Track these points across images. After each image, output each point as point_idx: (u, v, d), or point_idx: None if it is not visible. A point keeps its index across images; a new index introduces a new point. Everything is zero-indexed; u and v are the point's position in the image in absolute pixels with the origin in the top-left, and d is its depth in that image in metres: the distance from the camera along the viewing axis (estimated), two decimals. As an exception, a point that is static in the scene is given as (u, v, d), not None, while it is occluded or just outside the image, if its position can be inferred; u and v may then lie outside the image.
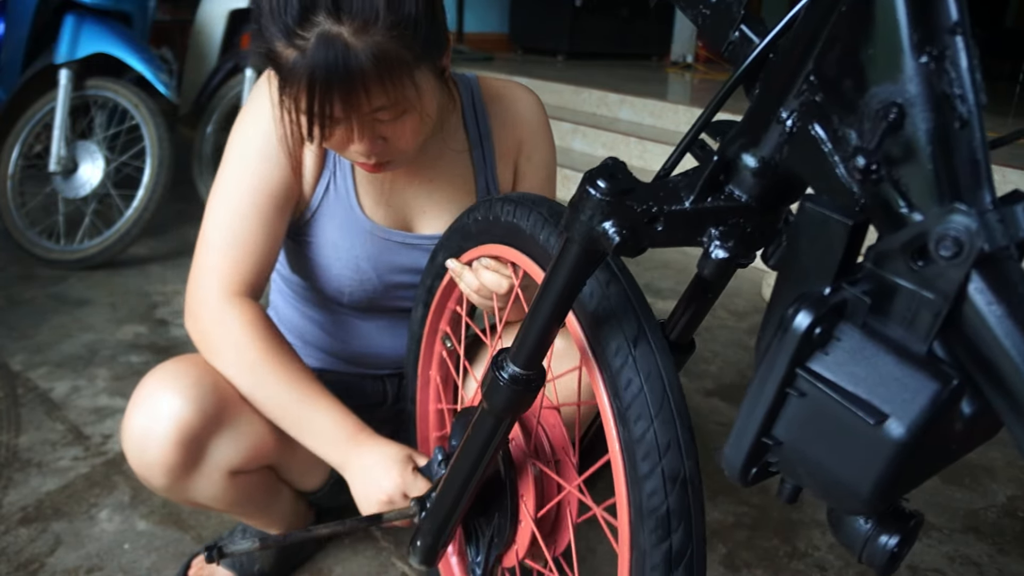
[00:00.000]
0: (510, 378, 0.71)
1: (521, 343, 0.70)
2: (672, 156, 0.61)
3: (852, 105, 0.45)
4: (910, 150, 0.42)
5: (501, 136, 1.12)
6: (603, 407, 0.71)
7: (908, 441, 0.42)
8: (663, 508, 0.65)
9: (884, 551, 0.50)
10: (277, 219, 1.01)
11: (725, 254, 0.55)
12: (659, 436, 0.66)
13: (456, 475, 0.82)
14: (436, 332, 1.05)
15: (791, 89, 0.50)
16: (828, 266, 0.47)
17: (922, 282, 0.42)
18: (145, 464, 0.96)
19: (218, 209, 1.00)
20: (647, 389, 0.66)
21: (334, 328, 1.20)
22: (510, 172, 1.14)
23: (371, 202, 1.08)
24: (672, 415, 0.66)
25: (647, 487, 0.66)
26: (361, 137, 0.88)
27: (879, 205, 0.44)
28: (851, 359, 0.45)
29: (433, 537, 0.88)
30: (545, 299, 0.65)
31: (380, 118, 0.87)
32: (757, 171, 0.54)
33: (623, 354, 0.67)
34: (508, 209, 0.83)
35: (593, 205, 0.55)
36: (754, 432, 0.49)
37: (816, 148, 0.48)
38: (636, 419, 0.66)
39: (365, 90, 0.82)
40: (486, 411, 0.75)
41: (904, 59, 0.41)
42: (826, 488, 0.48)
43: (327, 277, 1.10)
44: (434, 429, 1.14)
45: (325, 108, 0.83)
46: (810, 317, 0.45)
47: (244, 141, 1.00)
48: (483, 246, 0.90)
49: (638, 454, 0.66)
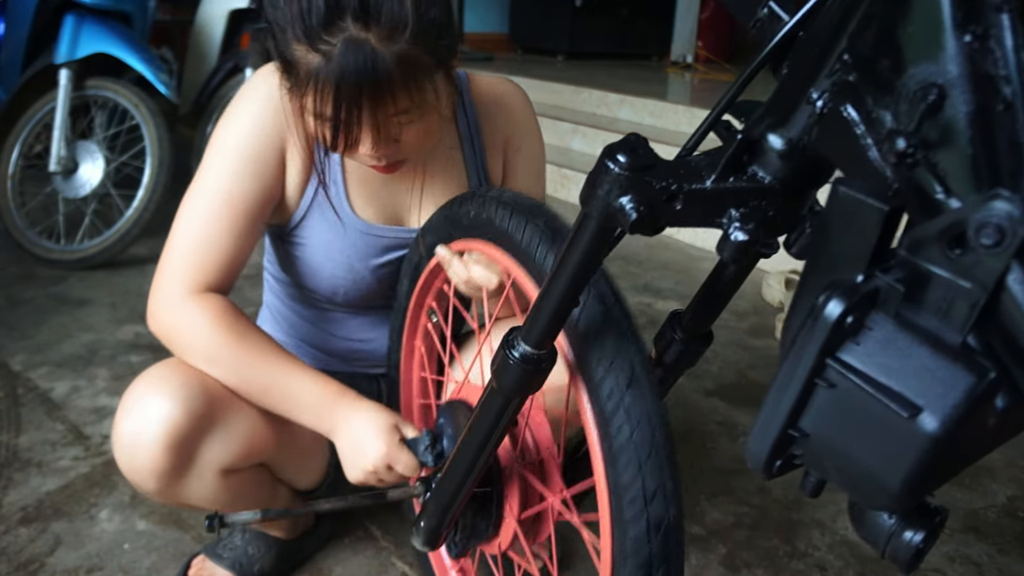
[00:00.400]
0: (521, 357, 0.70)
1: (533, 322, 0.68)
2: (695, 135, 0.59)
3: (888, 86, 0.43)
4: (949, 133, 0.40)
5: (490, 131, 1.12)
6: (592, 445, 0.71)
7: (942, 435, 0.41)
8: (646, 552, 0.67)
9: (909, 547, 0.48)
10: (249, 227, 0.99)
11: (745, 236, 0.53)
12: (646, 484, 0.67)
13: (462, 456, 0.81)
14: (422, 306, 1.05)
15: (823, 69, 0.48)
16: (860, 253, 0.45)
17: (959, 271, 0.40)
18: (135, 469, 0.95)
19: (188, 213, 0.99)
20: (637, 436, 0.67)
21: (329, 325, 1.20)
22: (499, 165, 1.14)
23: (362, 201, 1.07)
24: (660, 463, 0.67)
25: (632, 531, 0.68)
26: (379, 141, 0.89)
27: (914, 190, 0.43)
28: (883, 350, 0.43)
29: (437, 519, 0.87)
30: (559, 277, 0.63)
31: (400, 121, 0.88)
32: (783, 152, 0.52)
33: (615, 399, 0.68)
34: (503, 214, 0.82)
35: (611, 180, 0.54)
36: (780, 423, 0.48)
37: (848, 130, 0.46)
38: (625, 465, 0.68)
39: (392, 96, 0.83)
40: (495, 391, 0.74)
41: (946, 37, 0.40)
42: (853, 482, 0.46)
43: (321, 278, 1.10)
44: (417, 396, 1.13)
45: (352, 114, 0.83)
46: (842, 305, 0.43)
47: (223, 147, 0.99)
48: (474, 241, 0.89)
49: (625, 498, 0.68)
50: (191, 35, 3.07)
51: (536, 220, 0.78)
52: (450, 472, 0.84)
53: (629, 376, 0.68)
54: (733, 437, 1.69)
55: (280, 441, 1.06)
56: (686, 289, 2.50)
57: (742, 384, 1.92)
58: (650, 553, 0.67)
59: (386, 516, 1.37)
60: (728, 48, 5.62)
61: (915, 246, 0.42)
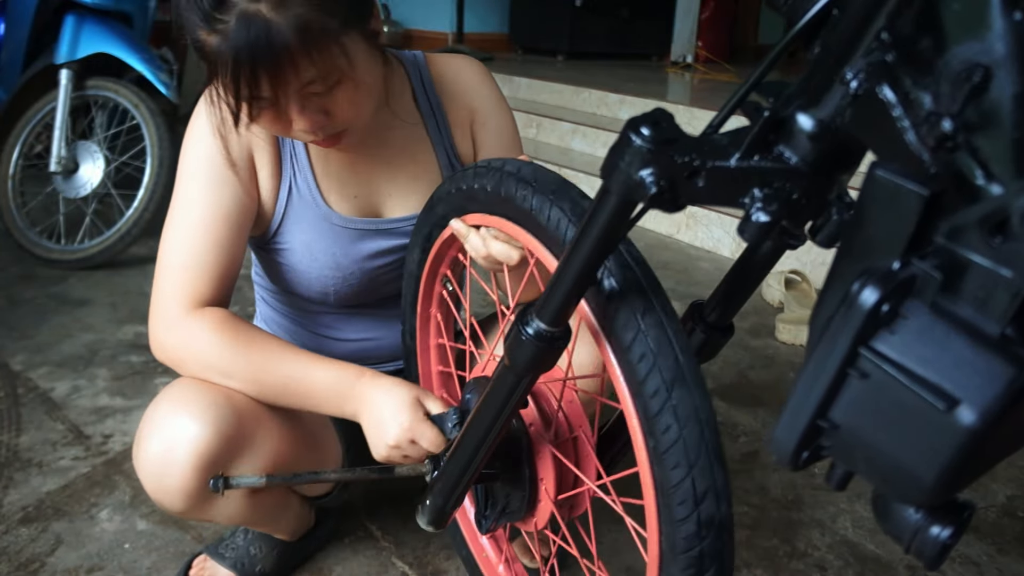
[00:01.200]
0: (535, 334, 0.68)
1: (548, 298, 0.66)
2: (722, 112, 0.57)
3: (928, 66, 0.41)
4: (993, 116, 0.38)
5: (452, 107, 1.10)
6: (637, 446, 0.69)
7: (980, 429, 0.39)
8: (696, 550, 0.65)
9: (936, 543, 0.47)
10: (234, 236, 0.98)
11: (767, 218, 0.51)
12: (696, 484, 0.64)
13: (471, 435, 0.79)
14: (436, 275, 1.03)
15: (858, 47, 0.46)
16: (897, 239, 0.43)
17: (1000, 259, 0.39)
18: (164, 490, 0.93)
19: (172, 232, 0.97)
20: (684, 436, 0.64)
21: (327, 330, 1.19)
22: (468, 142, 1.12)
23: (336, 196, 1.06)
24: (710, 462, 0.64)
25: (682, 530, 0.65)
26: (300, 113, 0.86)
27: (953, 175, 0.41)
28: (919, 339, 0.42)
29: (444, 497, 0.86)
30: (577, 252, 0.61)
31: (313, 91, 0.85)
32: (814, 134, 0.51)
33: (660, 398, 0.65)
34: (523, 195, 0.77)
35: (633, 152, 0.52)
36: (809, 414, 0.46)
37: (884, 112, 0.44)
38: (673, 466, 0.65)
39: (292, 65, 0.80)
40: (507, 368, 0.72)
41: (994, 15, 0.38)
42: (884, 475, 0.45)
43: (309, 281, 1.09)
44: (436, 364, 1.12)
45: (253, 89, 0.81)
46: (877, 293, 0.42)
47: (192, 160, 0.98)
48: (491, 217, 0.85)
49: (674, 499, 0.65)
50: (191, 35, 3.06)
51: (562, 203, 0.74)
52: (459, 450, 0.82)
53: (673, 374, 0.65)
54: (733, 437, 1.69)
55: (301, 455, 1.06)
56: (686, 289, 2.50)
57: (742, 384, 1.92)
58: (701, 551, 0.65)
59: (386, 516, 1.37)
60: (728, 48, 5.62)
61: (954, 233, 0.41)
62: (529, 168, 0.79)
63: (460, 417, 0.92)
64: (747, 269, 0.80)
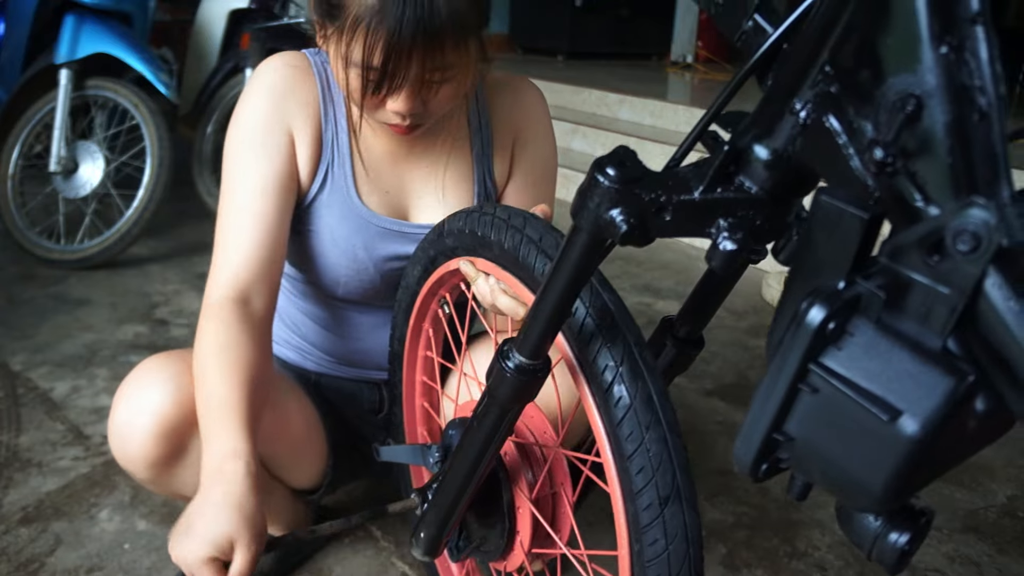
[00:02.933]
0: (516, 368, 0.70)
1: (527, 333, 0.69)
2: (682, 146, 0.60)
3: (868, 96, 0.44)
4: (927, 142, 0.41)
5: (500, 126, 1.11)
6: (621, 546, 0.72)
7: (922, 438, 0.41)
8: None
9: (894, 549, 0.49)
10: (279, 217, 0.99)
11: (733, 246, 0.54)
12: (672, 559, 0.67)
13: (460, 465, 0.81)
14: (434, 295, 1.03)
15: (805, 80, 0.49)
16: (842, 260, 0.46)
17: (938, 277, 0.41)
18: (128, 458, 0.97)
19: (225, 209, 0.99)
20: (670, 550, 0.67)
21: (332, 324, 1.20)
22: (506, 165, 1.13)
23: (368, 190, 1.07)
24: (686, 543, 0.68)
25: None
26: (412, 96, 0.88)
27: (894, 198, 0.43)
28: (865, 354, 0.44)
29: (437, 528, 0.88)
30: (551, 289, 0.64)
31: (434, 79, 0.88)
32: (769, 163, 0.53)
33: (653, 510, 0.68)
34: (542, 267, 0.77)
35: (601, 192, 0.55)
36: (765, 428, 0.48)
37: (830, 140, 0.47)
38: (651, 542, 0.68)
39: (441, 48, 0.83)
40: (491, 401, 0.75)
41: (923, 49, 0.40)
42: (838, 485, 0.47)
43: (324, 266, 1.09)
44: (421, 373, 1.12)
45: (402, 62, 0.83)
46: (824, 312, 0.44)
47: (234, 146, 0.99)
48: (503, 272, 0.86)
49: (649, 571, 0.69)
50: (191, 35, 3.07)
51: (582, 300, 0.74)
52: (448, 481, 0.84)
53: (669, 490, 0.68)
54: (732, 437, 1.69)
55: (272, 433, 1.06)
56: (686, 289, 2.50)
57: (741, 384, 1.92)
58: None
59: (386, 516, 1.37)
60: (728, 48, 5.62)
61: (895, 253, 0.43)
62: (551, 239, 0.79)
63: (443, 453, 0.93)
64: (713, 285, 0.83)
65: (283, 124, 1.00)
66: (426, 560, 0.93)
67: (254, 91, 1.00)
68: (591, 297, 0.74)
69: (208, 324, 0.92)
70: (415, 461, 0.98)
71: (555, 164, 1.17)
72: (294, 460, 1.15)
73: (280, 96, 0.99)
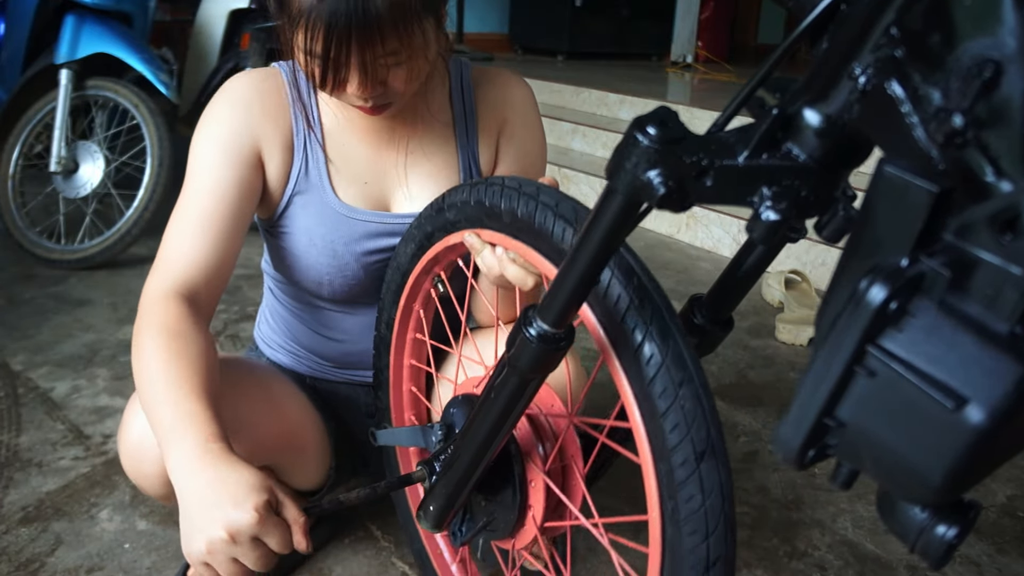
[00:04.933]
0: (538, 336, 0.67)
1: (552, 299, 0.66)
2: (728, 110, 0.56)
3: (938, 61, 0.41)
4: (1004, 112, 0.38)
5: (485, 114, 1.11)
6: (651, 503, 0.70)
7: (989, 427, 0.39)
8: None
9: (942, 542, 0.47)
10: (234, 224, 0.98)
11: (777, 216, 0.51)
12: (711, 551, 0.66)
13: (474, 437, 0.79)
14: (428, 273, 1.01)
15: (866, 43, 0.45)
16: (905, 236, 0.43)
17: (1010, 257, 0.38)
18: (143, 475, 0.96)
19: (180, 212, 0.98)
20: (707, 505, 0.66)
21: (323, 328, 1.19)
22: (491, 153, 1.12)
23: (345, 185, 1.06)
24: (726, 532, 0.66)
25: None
26: (366, 81, 0.89)
27: (962, 172, 0.40)
28: (927, 337, 0.41)
29: (447, 500, 0.85)
30: (581, 253, 0.61)
31: (388, 63, 0.88)
32: (821, 130, 0.50)
33: (688, 466, 0.66)
34: (561, 232, 0.74)
35: (639, 152, 0.51)
36: (816, 412, 0.46)
37: (892, 107, 0.44)
38: (690, 533, 0.66)
39: (381, 38, 0.84)
40: (511, 370, 0.72)
41: (1005, 10, 0.38)
42: (891, 474, 0.45)
43: (305, 267, 1.08)
44: (409, 356, 1.10)
45: (342, 54, 0.84)
46: (885, 291, 0.42)
47: (198, 154, 0.99)
48: (513, 241, 0.83)
49: (685, 564, 0.67)
50: (191, 35, 3.07)
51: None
52: (461, 453, 0.81)
53: (704, 445, 0.66)
54: (733, 437, 1.69)
55: (280, 440, 1.06)
56: (686, 289, 2.50)
57: (742, 384, 1.92)
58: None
59: (386, 516, 1.37)
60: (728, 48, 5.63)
61: (963, 230, 0.41)
62: (568, 205, 0.77)
63: (446, 431, 0.91)
64: (747, 264, 0.79)
65: (249, 133, 1.00)
66: (435, 532, 0.90)
67: (219, 101, 1.00)
68: (615, 258, 0.71)
69: (151, 318, 0.88)
70: (416, 443, 0.96)
71: (543, 158, 1.16)
72: (300, 464, 1.15)
73: (245, 106, 0.99)
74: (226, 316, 2.19)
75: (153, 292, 0.92)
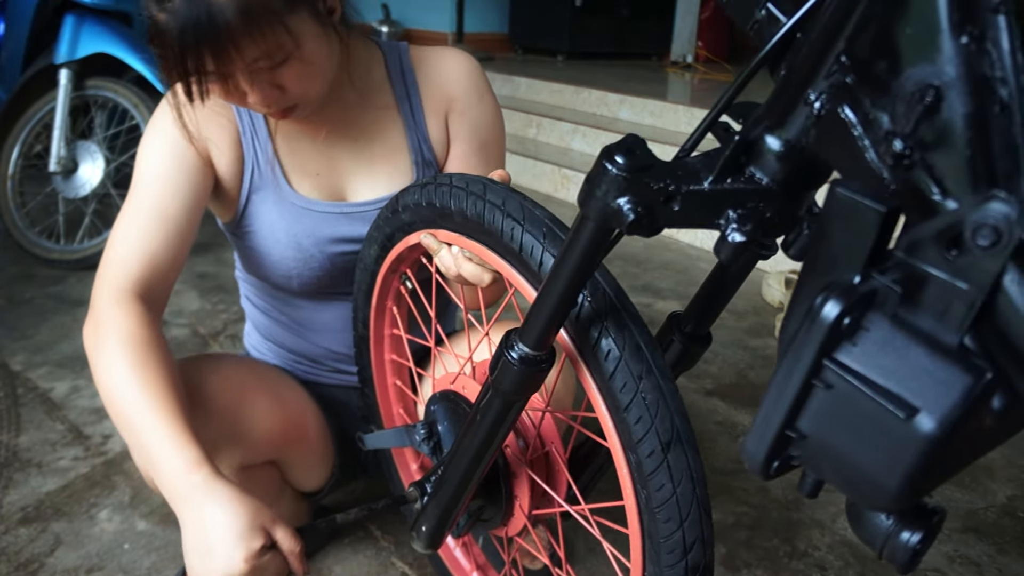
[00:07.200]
0: (520, 359, 0.69)
1: (531, 323, 0.68)
2: (693, 136, 0.59)
3: (885, 87, 0.43)
4: (946, 135, 0.40)
5: (428, 93, 1.09)
6: (625, 492, 0.72)
7: (940, 436, 0.41)
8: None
9: (906, 548, 0.49)
10: (185, 222, 0.98)
11: (742, 238, 0.53)
12: (686, 536, 0.69)
13: (462, 457, 0.80)
14: (395, 271, 1.01)
15: (820, 70, 0.48)
16: (858, 254, 0.45)
17: (956, 272, 0.40)
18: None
19: (128, 211, 0.98)
20: (678, 493, 0.68)
21: (299, 325, 1.19)
22: (442, 131, 1.10)
23: (299, 176, 1.06)
24: (700, 515, 0.69)
25: (669, 573, 0.70)
26: (251, 88, 0.88)
27: (911, 191, 0.43)
28: (880, 350, 0.43)
29: (439, 520, 0.86)
30: (558, 277, 0.63)
31: (259, 68, 0.86)
32: (781, 154, 0.53)
33: (656, 457, 0.68)
34: (511, 232, 0.76)
35: (609, 181, 0.54)
36: (777, 424, 0.48)
37: (845, 131, 0.46)
38: (665, 520, 0.69)
39: (234, 45, 0.81)
40: (495, 393, 0.73)
41: (943, 39, 0.40)
42: (851, 483, 0.46)
43: (271, 263, 1.08)
44: (389, 352, 1.11)
45: (198, 64, 0.82)
46: (839, 306, 0.43)
47: (142, 159, 0.99)
48: (466, 240, 0.84)
49: (663, 549, 0.69)
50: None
51: (553, 248, 0.74)
52: (450, 474, 0.83)
53: (669, 435, 0.68)
54: (733, 437, 1.69)
55: (291, 438, 1.06)
56: (686, 289, 2.50)
57: (742, 384, 1.92)
58: None
59: (386, 516, 1.37)
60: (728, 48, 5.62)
61: (912, 247, 0.43)
62: (515, 203, 0.77)
63: (428, 430, 0.92)
64: (722, 280, 0.82)
65: (195, 132, 1.00)
66: (427, 552, 0.92)
67: (163, 107, 0.99)
68: None
69: (111, 325, 0.88)
70: (402, 443, 0.97)
71: (500, 129, 1.14)
72: (307, 463, 1.15)
73: (190, 108, 0.98)
74: (226, 316, 2.19)
75: (107, 292, 0.92)
